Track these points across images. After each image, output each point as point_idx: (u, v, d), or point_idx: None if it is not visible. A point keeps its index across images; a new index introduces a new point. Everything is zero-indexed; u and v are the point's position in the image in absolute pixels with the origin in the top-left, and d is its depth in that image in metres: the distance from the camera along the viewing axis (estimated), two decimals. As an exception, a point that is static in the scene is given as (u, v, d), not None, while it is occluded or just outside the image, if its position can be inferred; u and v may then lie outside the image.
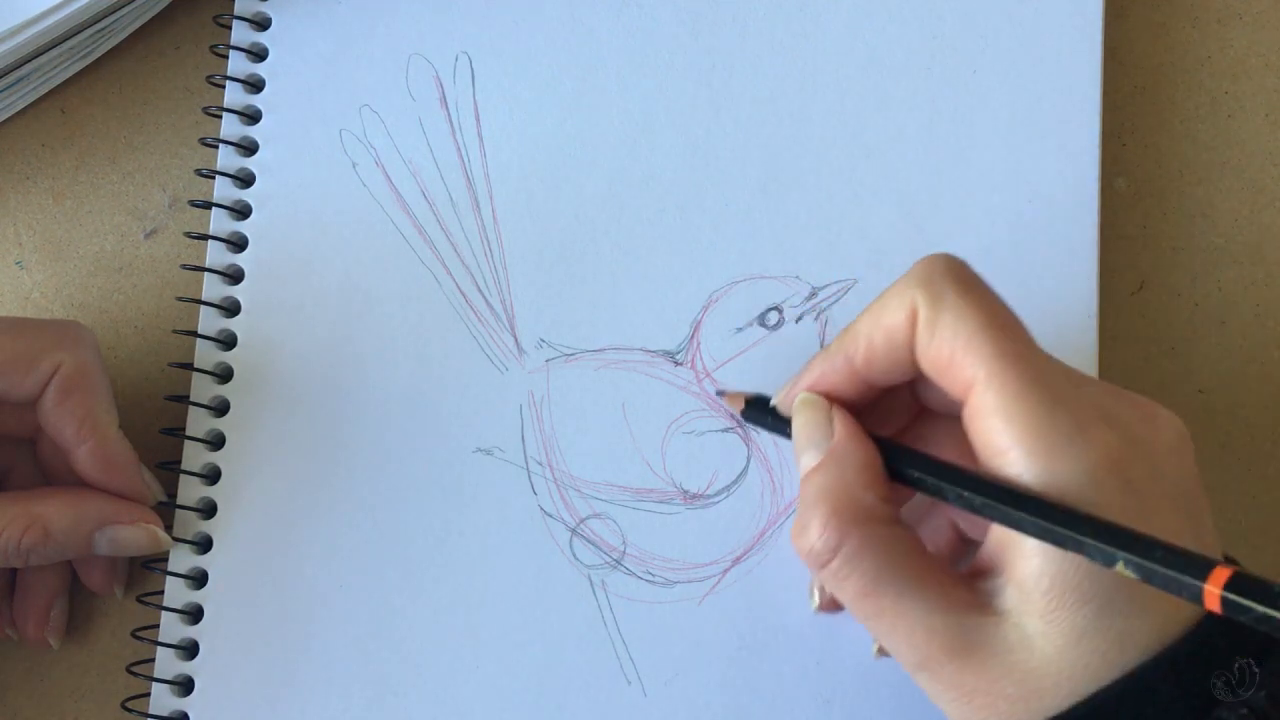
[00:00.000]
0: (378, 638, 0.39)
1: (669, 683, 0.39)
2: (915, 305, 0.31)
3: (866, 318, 0.32)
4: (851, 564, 0.31)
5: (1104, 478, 0.29)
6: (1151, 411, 0.31)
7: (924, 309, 0.31)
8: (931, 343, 0.31)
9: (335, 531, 0.40)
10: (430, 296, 0.41)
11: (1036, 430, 0.29)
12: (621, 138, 0.42)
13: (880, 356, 0.32)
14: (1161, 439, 0.30)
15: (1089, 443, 0.29)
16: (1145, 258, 0.43)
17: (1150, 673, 0.29)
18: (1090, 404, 0.30)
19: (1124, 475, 0.29)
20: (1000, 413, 0.29)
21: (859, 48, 0.42)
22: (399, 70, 0.43)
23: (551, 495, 0.40)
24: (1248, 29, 0.44)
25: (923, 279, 0.31)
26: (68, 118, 0.44)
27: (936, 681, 0.31)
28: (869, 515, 0.31)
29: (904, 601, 0.30)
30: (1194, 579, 0.26)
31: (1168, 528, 0.29)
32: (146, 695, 0.39)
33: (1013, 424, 0.29)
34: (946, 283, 0.31)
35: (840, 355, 0.33)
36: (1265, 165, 0.43)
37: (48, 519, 0.37)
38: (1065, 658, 0.29)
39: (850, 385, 0.33)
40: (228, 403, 0.41)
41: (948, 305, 0.30)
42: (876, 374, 0.33)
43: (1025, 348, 0.30)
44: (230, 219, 0.42)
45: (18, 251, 0.43)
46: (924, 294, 0.31)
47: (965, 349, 0.30)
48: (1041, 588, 0.29)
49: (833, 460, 0.32)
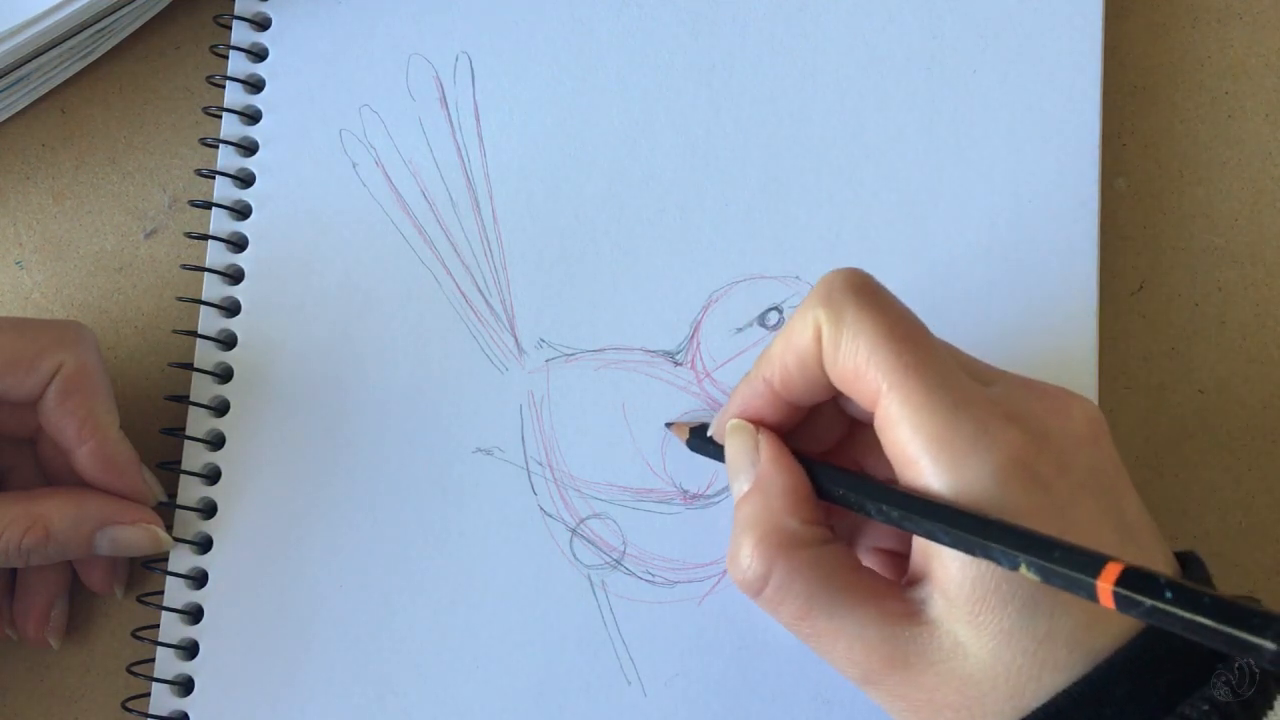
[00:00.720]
0: (378, 638, 0.39)
1: (669, 683, 0.39)
2: (819, 324, 0.31)
3: (779, 341, 0.33)
4: (783, 590, 0.31)
5: (1009, 477, 0.29)
6: (1062, 403, 0.31)
7: (826, 327, 0.31)
8: (837, 359, 0.31)
9: (335, 531, 0.40)
10: (430, 296, 0.41)
11: (939, 437, 0.29)
12: (621, 138, 0.42)
13: (795, 378, 0.33)
14: (1071, 429, 0.31)
15: (992, 443, 0.29)
16: (1145, 258, 0.43)
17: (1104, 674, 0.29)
18: (995, 403, 0.30)
19: (1030, 471, 0.29)
20: (905, 422, 0.30)
21: (859, 48, 0.42)
22: (399, 70, 0.43)
23: (551, 495, 0.40)
24: (1248, 29, 0.44)
25: (823, 297, 0.31)
26: (68, 118, 0.44)
27: (882, 694, 0.31)
28: (794, 540, 0.32)
29: (837, 620, 0.31)
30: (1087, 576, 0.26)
31: (1083, 519, 0.29)
32: (146, 695, 0.39)
33: (918, 433, 0.30)
34: (846, 298, 0.31)
35: (759, 380, 0.34)
36: (1265, 165, 0.43)
37: (48, 519, 0.37)
38: (999, 661, 0.29)
39: (774, 408, 0.34)
40: (228, 403, 0.41)
41: (848, 321, 0.31)
42: (795, 395, 0.33)
43: (926, 355, 0.30)
44: (230, 219, 0.42)
45: (18, 251, 0.43)
46: (825, 312, 0.31)
47: (867, 363, 0.30)
48: (964, 593, 0.29)
49: (758, 489, 0.33)
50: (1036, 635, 0.29)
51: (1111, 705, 0.28)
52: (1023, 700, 0.29)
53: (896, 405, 0.30)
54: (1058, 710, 0.29)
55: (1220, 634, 0.25)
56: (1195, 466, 0.41)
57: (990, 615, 0.29)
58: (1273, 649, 0.24)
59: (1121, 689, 0.28)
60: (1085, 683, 0.29)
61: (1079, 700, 0.28)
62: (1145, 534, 0.31)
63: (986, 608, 0.29)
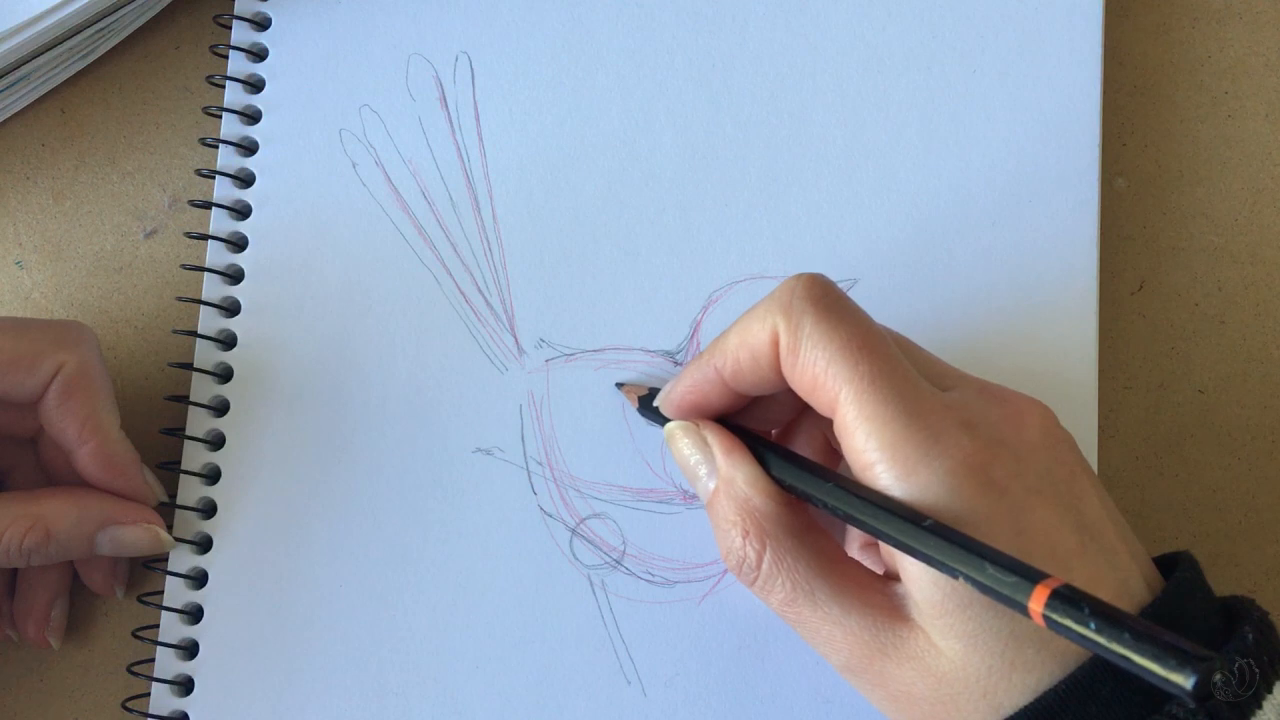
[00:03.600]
0: (378, 638, 0.39)
1: (669, 683, 0.39)
2: (776, 330, 0.32)
3: (734, 334, 0.33)
4: (772, 575, 0.32)
5: (962, 482, 0.29)
6: (1017, 408, 0.32)
7: (784, 335, 0.32)
8: (795, 367, 0.32)
9: (335, 531, 0.40)
10: (430, 296, 0.41)
11: (893, 444, 0.30)
12: (621, 138, 0.42)
13: (747, 373, 0.33)
14: (1026, 435, 0.31)
15: (945, 449, 0.30)
16: (1145, 258, 0.43)
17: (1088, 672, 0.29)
18: (949, 409, 0.30)
19: (984, 476, 0.30)
20: (860, 429, 0.30)
21: (859, 48, 0.42)
22: (399, 70, 0.43)
23: (551, 495, 0.40)
24: (1248, 29, 0.44)
25: (782, 304, 0.32)
26: (68, 118, 0.44)
27: (862, 683, 0.32)
28: (778, 525, 0.32)
29: (822, 608, 0.31)
30: (1019, 597, 0.26)
31: (1038, 523, 0.29)
32: (146, 695, 0.39)
33: (872, 439, 0.30)
34: (806, 306, 0.31)
35: (706, 369, 0.34)
36: (1265, 165, 0.43)
37: (49, 519, 0.37)
38: (969, 661, 0.29)
39: (722, 395, 0.34)
40: (228, 403, 0.41)
41: (806, 331, 0.31)
42: (745, 388, 0.34)
43: (884, 364, 0.31)
44: (230, 219, 0.42)
45: (18, 251, 0.43)
46: (784, 319, 0.32)
47: (825, 372, 0.31)
48: (929, 595, 0.30)
49: (725, 483, 0.33)
50: (1002, 636, 0.29)
51: (1097, 703, 0.28)
52: (996, 699, 0.29)
53: (853, 413, 0.30)
54: (1044, 709, 0.29)
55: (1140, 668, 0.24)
56: (1195, 466, 0.41)
57: (954, 617, 0.29)
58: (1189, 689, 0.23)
59: (1106, 688, 0.28)
60: (1070, 681, 0.29)
61: (1064, 698, 0.29)
62: (1109, 534, 0.31)
63: (948, 610, 0.29)
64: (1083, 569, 0.29)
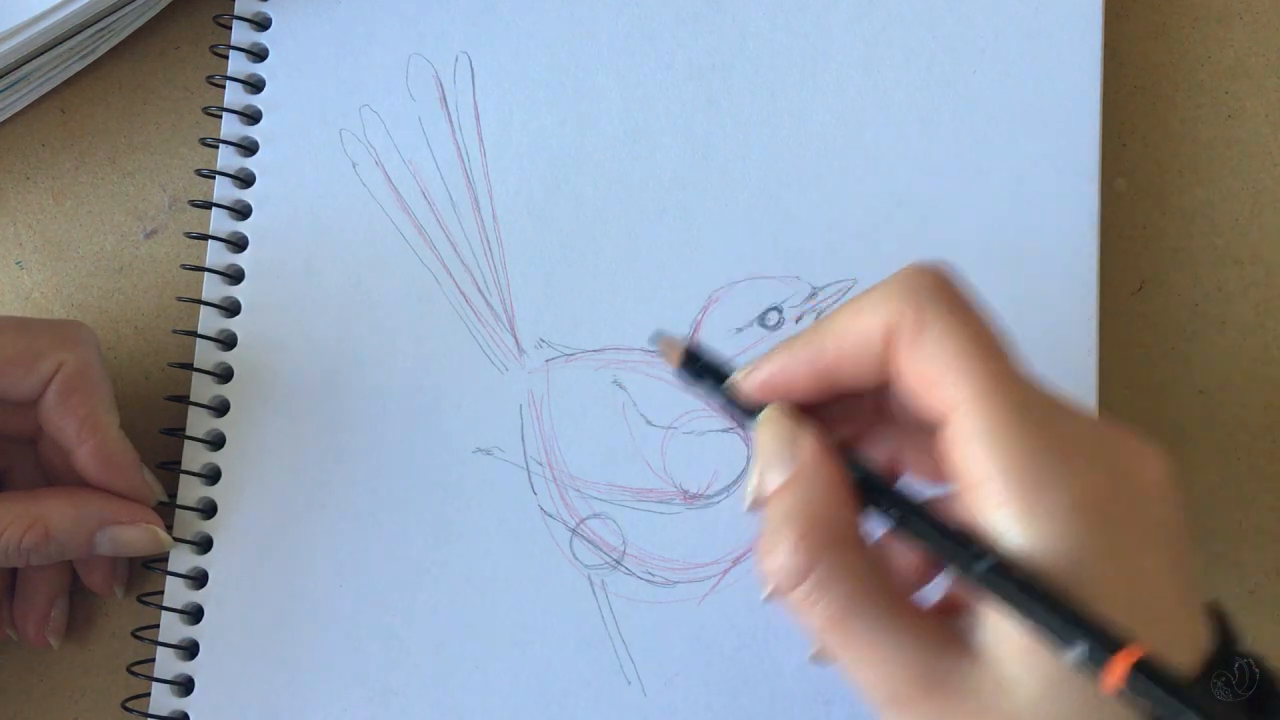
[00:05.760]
0: (378, 638, 0.39)
1: (669, 683, 0.39)
2: (897, 318, 0.29)
3: (842, 318, 0.31)
4: (822, 589, 0.29)
5: (1084, 514, 0.27)
6: (1138, 448, 0.30)
7: (908, 324, 0.29)
8: (914, 361, 0.29)
9: (335, 531, 0.40)
10: (430, 296, 0.41)
11: (1019, 461, 0.28)
12: (622, 138, 0.42)
13: (849, 361, 0.30)
14: (1147, 477, 0.29)
15: (1072, 476, 0.28)
16: (1145, 258, 0.43)
17: None
18: (1076, 436, 0.28)
19: (1105, 512, 0.28)
20: (981, 439, 0.28)
21: (859, 48, 0.42)
22: (399, 70, 0.43)
23: (551, 495, 0.40)
24: (1248, 29, 0.44)
25: (908, 291, 0.29)
26: (68, 118, 0.44)
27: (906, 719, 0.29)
28: (841, 538, 0.30)
29: (876, 632, 0.29)
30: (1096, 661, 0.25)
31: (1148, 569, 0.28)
32: (146, 695, 0.39)
33: (994, 452, 0.28)
34: (933, 298, 0.29)
35: (807, 350, 0.31)
36: (1265, 165, 0.43)
37: (49, 519, 0.37)
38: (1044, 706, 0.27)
39: (811, 383, 0.31)
40: (228, 403, 0.41)
41: (932, 323, 0.29)
42: (843, 377, 0.31)
43: (1013, 373, 0.29)
44: (230, 219, 0.42)
45: (18, 251, 0.43)
46: (909, 307, 0.29)
47: (948, 370, 0.28)
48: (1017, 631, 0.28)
49: (803, 479, 0.30)
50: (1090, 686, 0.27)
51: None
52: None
53: (976, 420, 0.28)
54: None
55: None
56: (1195, 466, 0.41)
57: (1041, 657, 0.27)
58: None
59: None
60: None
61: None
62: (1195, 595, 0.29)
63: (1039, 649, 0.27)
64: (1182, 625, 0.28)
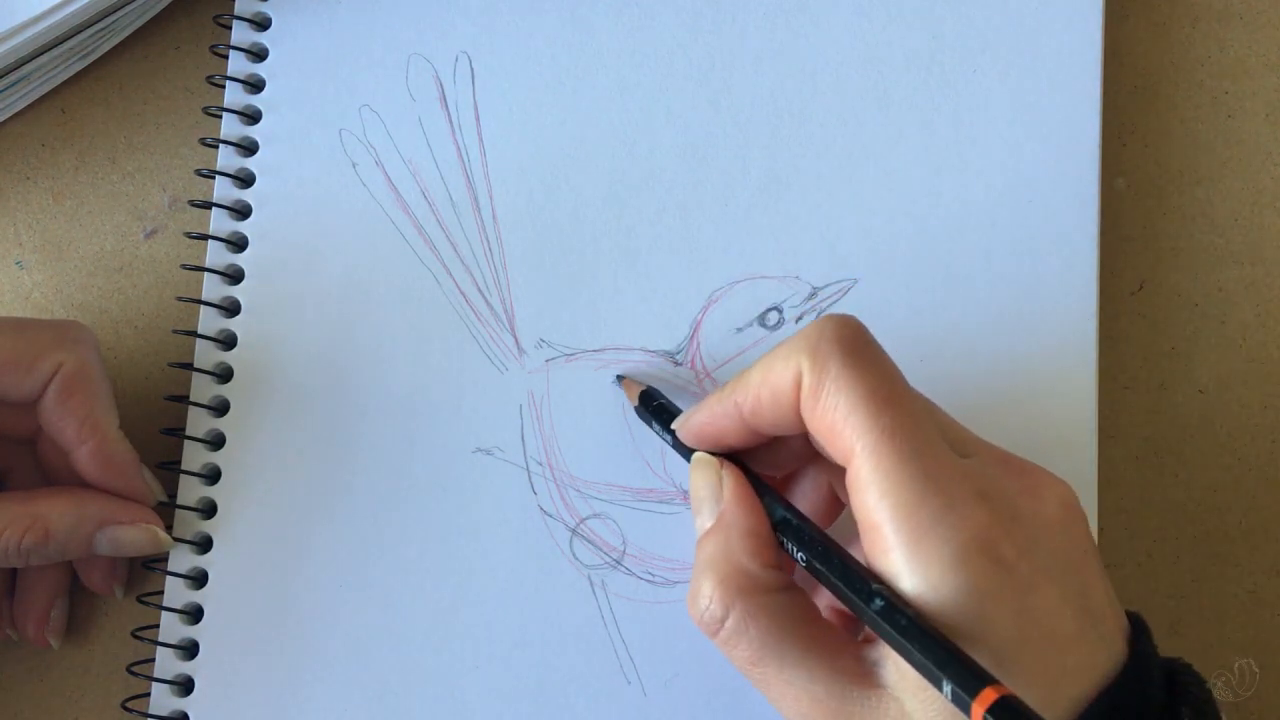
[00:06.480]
0: (378, 638, 0.39)
1: (669, 683, 0.39)
2: (800, 371, 0.31)
3: (757, 372, 0.32)
4: (738, 633, 0.31)
5: (971, 556, 0.28)
6: (1036, 482, 0.31)
7: (807, 377, 0.31)
8: (815, 411, 0.31)
9: (335, 531, 0.40)
10: (430, 296, 0.41)
11: (906, 508, 0.29)
12: (621, 138, 0.42)
13: (767, 412, 0.32)
14: (1043, 511, 0.30)
15: (958, 521, 0.29)
16: (1145, 258, 0.43)
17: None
18: (967, 478, 0.30)
19: (993, 553, 0.29)
20: (873, 488, 0.29)
21: (859, 48, 0.42)
22: (399, 70, 0.43)
23: (551, 495, 0.40)
24: (1248, 29, 0.44)
25: (810, 343, 0.31)
26: (68, 118, 0.44)
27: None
28: (754, 584, 0.31)
29: (788, 670, 0.31)
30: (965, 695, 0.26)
31: (1042, 604, 0.29)
32: (146, 695, 0.39)
33: (884, 500, 0.29)
34: (833, 349, 0.31)
35: (724, 405, 0.33)
36: (1265, 165, 0.43)
37: (48, 519, 0.37)
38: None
39: (739, 430, 0.34)
40: (228, 403, 0.41)
41: (830, 376, 0.30)
42: (763, 427, 0.33)
43: (905, 420, 0.30)
44: (230, 219, 0.42)
45: (18, 251, 0.43)
46: (809, 361, 0.31)
47: (845, 421, 0.30)
48: None
49: (720, 528, 0.33)
50: None
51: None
52: None
53: (868, 469, 0.29)
54: None
55: None
56: (1195, 466, 0.41)
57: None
58: None
59: None
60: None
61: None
62: (1110, 621, 0.30)
63: None
64: (1078, 655, 0.29)
